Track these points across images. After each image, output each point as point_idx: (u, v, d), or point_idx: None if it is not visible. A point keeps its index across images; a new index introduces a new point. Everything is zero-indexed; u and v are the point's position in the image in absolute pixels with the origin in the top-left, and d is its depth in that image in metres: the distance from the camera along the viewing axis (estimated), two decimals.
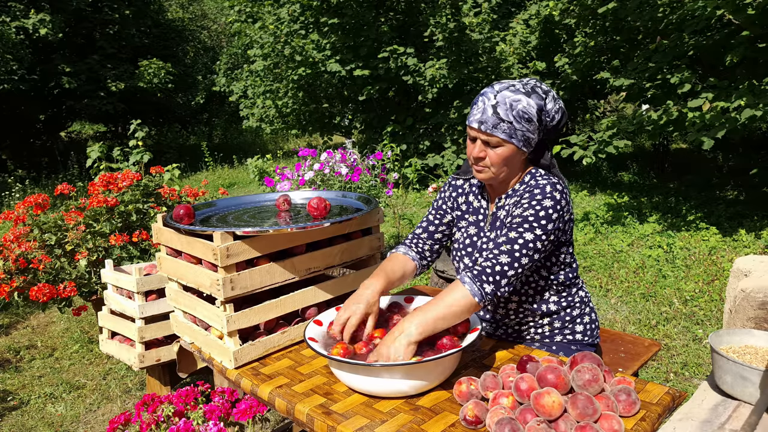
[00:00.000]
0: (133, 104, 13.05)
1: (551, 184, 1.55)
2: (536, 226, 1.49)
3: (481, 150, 1.58)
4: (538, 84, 1.58)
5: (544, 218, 1.50)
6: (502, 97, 1.53)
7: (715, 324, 3.57)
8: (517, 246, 1.48)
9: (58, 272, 3.04)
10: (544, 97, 1.56)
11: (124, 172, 3.43)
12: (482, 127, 1.54)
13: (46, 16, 10.43)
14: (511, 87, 1.55)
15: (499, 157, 1.56)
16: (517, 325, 1.74)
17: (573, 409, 1.18)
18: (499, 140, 1.54)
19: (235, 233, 1.57)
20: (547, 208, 1.51)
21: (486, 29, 7.93)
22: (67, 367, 3.61)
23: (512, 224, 1.52)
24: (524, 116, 1.52)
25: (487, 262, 1.47)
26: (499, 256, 1.47)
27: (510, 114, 1.51)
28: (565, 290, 1.72)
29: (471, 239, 1.73)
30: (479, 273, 1.45)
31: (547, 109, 1.56)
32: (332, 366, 1.44)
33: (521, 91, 1.54)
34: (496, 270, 1.45)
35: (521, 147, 1.56)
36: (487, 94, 1.55)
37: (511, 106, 1.52)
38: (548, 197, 1.52)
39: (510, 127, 1.52)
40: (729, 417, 1.25)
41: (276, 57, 8.71)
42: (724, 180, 7.36)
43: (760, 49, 4.94)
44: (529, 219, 1.50)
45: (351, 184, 4.53)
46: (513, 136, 1.53)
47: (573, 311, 1.73)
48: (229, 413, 1.56)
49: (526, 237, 1.49)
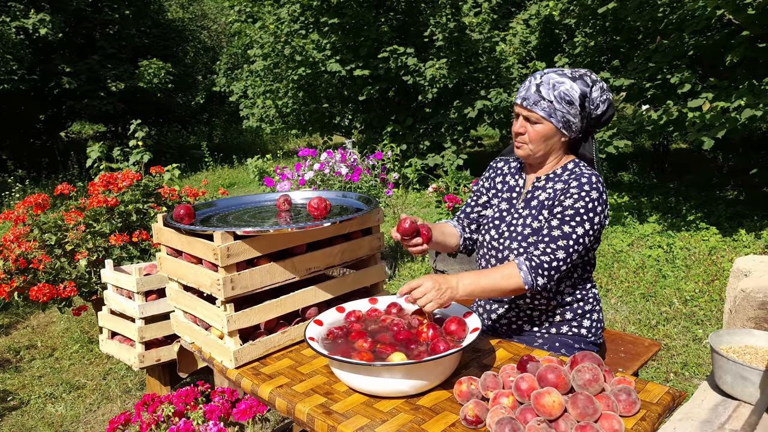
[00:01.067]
0: (133, 104, 13.04)
1: (596, 176, 1.61)
2: (586, 219, 1.55)
3: (522, 125, 1.64)
4: (588, 73, 1.63)
5: (592, 211, 1.56)
6: (547, 78, 1.59)
7: (715, 324, 3.57)
8: (572, 241, 1.54)
9: (58, 272, 3.04)
10: (591, 85, 1.61)
11: (124, 172, 3.43)
12: (524, 103, 1.60)
13: (46, 16, 10.42)
14: (559, 71, 1.61)
15: (537, 134, 1.61)
16: (529, 310, 1.76)
17: (573, 408, 1.18)
18: (538, 117, 1.60)
19: (235, 233, 1.57)
20: (594, 200, 1.57)
21: (486, 29, 7.93)
22: (67, 367, 3.61)
23: (565, 216, 1.57)
24: (565, 98, 1.57)
25: (545, 257, 1.53)
26: (557, 251, 1.53)
27: (551, 93, 1.57)
28: (581, 283, 1.75)
29: (501, 214, 1.78)
30: (537, 266, 1.52)
31: (591, 97, 1.60)
32: (332, 366, 1.44)
33: (568, 75, 1.60)
34: (553, 265, 1.53)
35: (560, 128, 1.60)
36: (535, 75, 1.63)
37: (554, 86, 1.58)
38: (595, 188, 1.58)
39: (550, 106, 1.58)
40: (729, 417, 1.25)
41: (276, 57, 8.71)
42: (724, 180, 7.36)
43: (760, 49, 4.94)
44: (580, 211, 1.55)
45: (351, 184, 4.53)
46: (552, 115, 1.58)
47: (585, 305, 1.76)
48: (229, 413, 1.56)
49: (578, 231, 1.55)
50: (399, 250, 5.39)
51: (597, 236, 1.65)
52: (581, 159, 1.73)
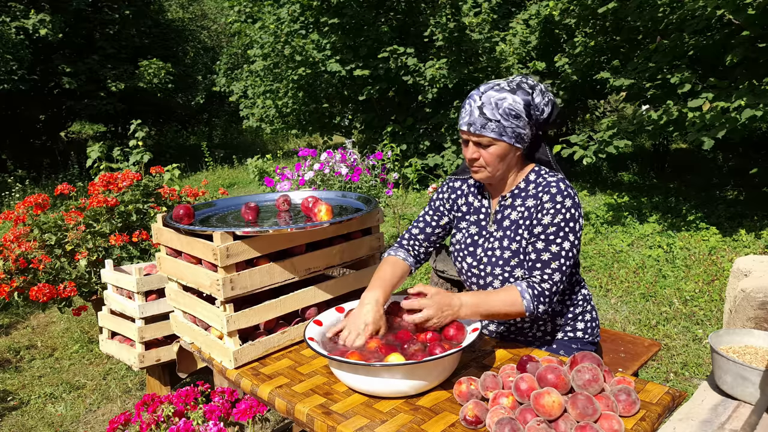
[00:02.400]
0: (133, 104, 13.04)
1: (563, 181, 1.58)
2: (569, 232, 1.55)
3: (474, 151, 1.59)
4: (524, 80, 1.59)
5: (571, 220, 1.55)
6: (487, 98, 1.54)
7: (715, 324, 3.56)
8: (562, 259, 1.54)
9: (58, 272, 3.04)
10: (531, 91, 1.57)
11: (124, 172, 3.43)
12: (471, 129, 1.56)
13: (46, 16, 10.42)
14: (495, 86, 1.56)
15: (492, 156, 1.58)
16: (518, 323, 1.75)
17: (573, 409, 1.18)
18: (489, 140, 1.56)
19: (235, 233, 1.57)
20: (570, 209, 1.55)
21: (486, 29, 7.93)
22: (67, 367, 3.61)
23: (549, 235, 1.55)
24: (511, 113, 1.53)
25: (545, 284, 1.53)
26: (553, 275, 1.53)
27: (496, 112, 1.53)
28: (569, 288, 1.73)
29: (473, 238, 1.73)
30: (540, 293, 1.52)
31: (535, 103, 1.57)
32: (332, 366, 1.44)
33: (506, 89, 1.55)
34: (553, 290, 1.53)
35: (514, 143, 1.57)
36: (473, 97, 1.57)
37: (497, 104, 1.53)
38: (567, 196, 1.56)
39: (498, 126, 1.54)
40: (729, 417, 1.25)
41: (276, 57, 8.71)
42: (724, 180, 7.36)
43: (760, 49, 4.94)
44: (561, 225, 1.54)
45: (351, 184, 4.53)
46: (503, 133, 1.55)
47: (576, 309, 1.74)
48: (229, 413, 1.56)
49: (565, 247, 1.54)
50: None
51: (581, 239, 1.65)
52: (539, 163, 1.69)
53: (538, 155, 1.70)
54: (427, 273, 4.81)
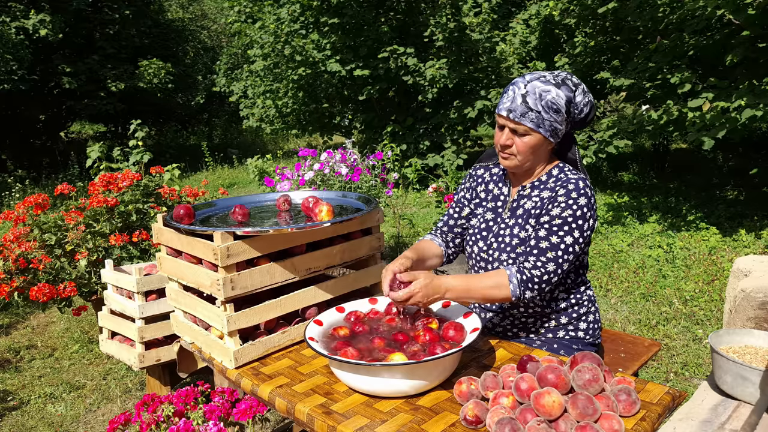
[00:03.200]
0: (133, 104, 13.04)
1: (582, 180, 1.58)
2: (575, 228, 1.54)
3: (509, 138, 1.60)
4: (569, 76, 1.60)
5: (581, 218, 1.54)
6: (532, 87, 1.55)
7: (715, 324, 3.56)
8: (560, 251, 1.52)
9: (58, 272, 3.04)
10: (574, 89, 1.58)
11: (124, 172, 3.43)
12: (511, 115, 1.56)
13: (46, 16, 10.42)
14: (541, 78, 1.57)
15: (525, 146, 1.59)
16: (524, 317, 1.75)
17: (573, 408, 1.18)
18: (526, 129, 1.56)
19: (235, 233, 1.57)
20: (582, 207, 1.54)
21: (486, 29, 7.93)
22: (67, 367, 3.61)
23: (552, 226, 1.55)
24: (553, 107, 1.54)
25: (536, 270, 1.52)
26: (547, 264, 1.52)
27: (539, 104, 1.54)
28: (575, 287, 1.74)
29: (487, 224, 1.75)
30: (528, 279, 1.51)
31: (576, 102, 1.58)
32: (332, 366, 1.44)
33: (551, 82, 1.56)
34: (543, 279, 1.52)
35: (548, 137, 1.58)
36: (517, 83, 1.58)
37: (541, 96, 1.54)
38: (582, 195, 1.56)
39: (538, 117, 1.54)
40: (729, 417, 1.25)
41: (276, 57, 8.71)
42: (724, 180, 7.36)
43: (760, 49, 4.94)
44: (568, 220, 1.54)
45: (351, 184, 4.53)
46: (541, 125, 1.55)
47: (580, 309, 1.75)
48: (229, 413, 1.56)
49: (567, 241, 1.53)
50: (399, 250, 5.40)
51: (588, 241, 1.62)
52: (564, 161, 1.71)
53: (567, 154, 1.71)
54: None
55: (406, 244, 5.61)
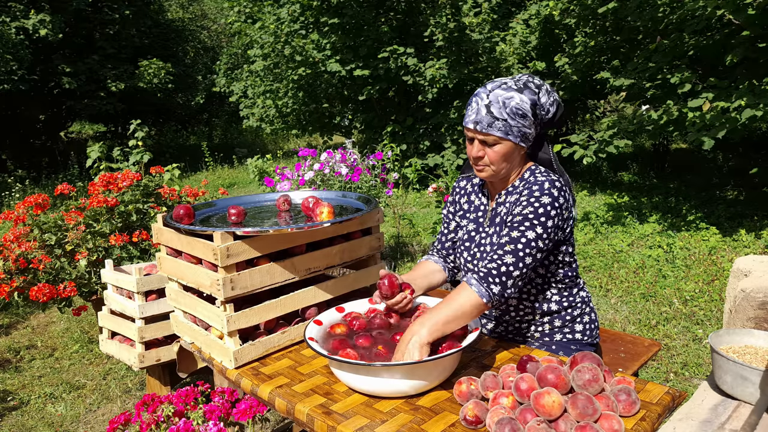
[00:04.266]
0: (133, 104, 13.05)
1: (550, 181, 1.56)
2: (537, 224, 1.50)
3: (480, 149, 1.60)
4: (530, 79, 1.59)
5: (543, 215, 1.51)
6: (494, 96, 1.54)
7: (715, 324, 3.56)
8: (521, 245, 1.48)
9: (58, 272, 3.04)
10: (537, 91, 1.57)
11: (124, 172, 3.43)
12: (478, 127, 1.56)
13: (46, 16, 10.42)
14: (503, 85, 1.56)
15: (497, 155, 1.58)
16: (517, 323, 1.75)
17: (573, 408, 1.18)
18: (495, 138, 1.56)
19: (235, 233, 1.57)
20: (545, 205, 1.52)
21: (486, 29, 7.93)
22: (67, 367, 3.61)
23: (513, 223, 1.53)
24: (518, 112, 1.54)
25: (492, 264, 1.48)
26: (504, 256, 1.48)
27: (503, 111, 1.53)
28: (566, 290, 1.72)
29: (469, 234, 1.76)
30: (486, 275, 1.47)
31: (541, 103, 1.57)
32: (332, 366, 1.44)
33: (513, 88, 1.55)
34: (502, 271, 1.47)
35: (519, 143, 1.57)
36: (480, 95, 1.57)
37: (504, 103, 1.53)
38: (546, 194, 1.53)
39: (505, 125, 1.54)
40: (729, 417, 1.25)
41: (276, 57, 8.71)
42: (724, 180, 7.36)
43: (760, 49, 4.94)
44: (528, 217, 1.51)
45: (351, 184, 4.53)
46: (509, 132, 1.55)
47: (574, 311, 1.74)
48: (229, 413, 1.56)
49: (528, 235, 1.49)
50: (399, 250, 5.39)
51: (555, 239, 1.57)
52: (540, 163, 1.70)
53: (540, 154, 1.71)
54: None
55: (406, 244, 5.61)
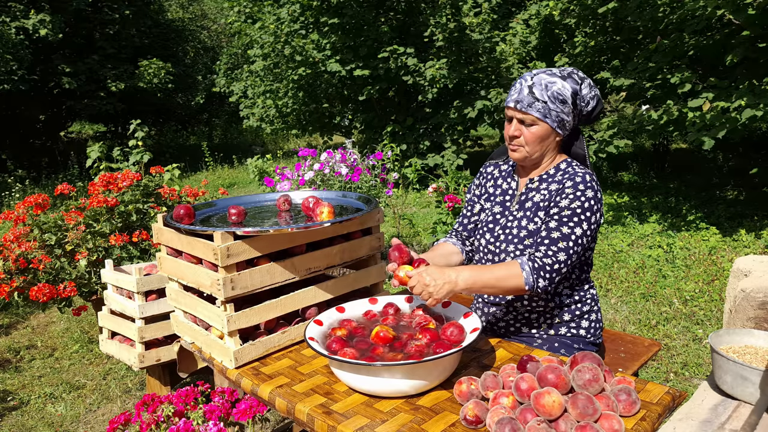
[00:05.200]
0: (133, 104, 13.04)
1: (590, 174, 1.62)
2: (584, 219, 1.56)
3: (517, 129, 1.64)
4: (575, 71, 1.65)
5: (588, 210, 1.57)
6: (538, 79, 1.60)
7: (715, 324, 3.56)
8: (571, 243, 1.55)
9: (58, 272, 3.04)
10: (580, 82, 1.63)
11: (124, 172, 3.43)
12: (518, 106, 1.61)
13: (46, 16, 10.42)
14: (548, 71, 1.63)
15: (533, 136, 1.62)
16: (527, 312, 1.76)
17: (573, 408, 1.18)
18: (533, 119, 1.60)
19: (235, 233, 1.57)
20: (590, 199, 1.58)
21: (486, 29, 7.93)
22: (67, 367, 3.61)
23: (562, 217, 1.57)
24: (559, 97, 1.59)
25: (547, 259, 1.53)
26: (558, 253, 1.54)
27: (545, 94, 1.58)
28: (579, 284, 1.75)
29: (494, 217, 1.78)
30: (540, 267, 1.52)
31: (582, 94, 1.63)
32: (332, 366, 1.44)
33: (557, 74, 1.61)
34: (555, 268, 1.53)
35: (555, 128, 1.62)
36: (525, 77, 1.63)
37: (546, 86, 1.59)
38: (590, 187, 1.59)
39: (544, 107, 1.59)
40: (729, 417, 1.25)
41: (276, 57, 8.71)
42: (724, 180, 7.36)
43: (760, 49, 4.94)
44: (577, 212, 1.56)
45: (351, 184, 4.53)
46: (547, 115, 1.59)
47: (584, 306, 1.76)
48: (229, 413, 1.56)
49: (577, 232, 1.55)
50: None
51: (594, 235, 1.65)
52: (573, 156, 1.74)
53: (574, 148, 1.74)
54: None
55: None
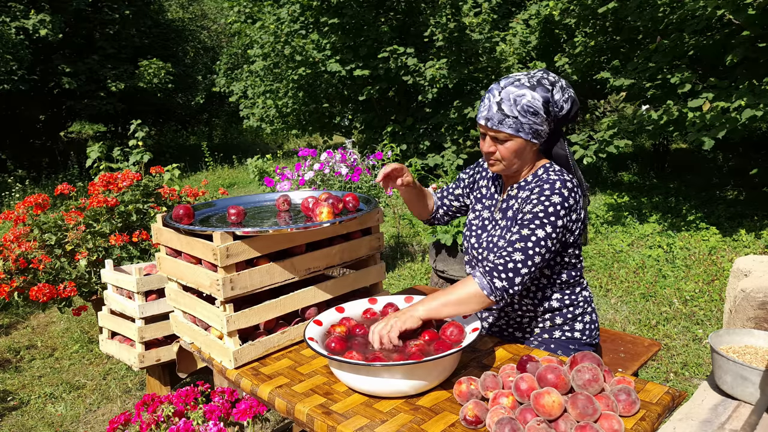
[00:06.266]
0: (133, 104, 13.05)
1: (562, 181, 1.57)
2: (546, 223, 1.51)
3: (491, 145, 1.62)
4: (545, 75, 1.58)
5: (552, 215, 1.51)
6: (506, 93, 1.55)
7: (715, 324, 3.56)
8: (531, 243, 1.49)
9: (58, 272, 3.04)
10: (551, 88, 1.56)
11: (124, 172, 3.43)
12: (489, 124, 1.57)
13: (46, 16, 10.42)
14: (515, 82, 1.56)
15: (508, 151, 1.59)
16: (518, 318, 1.76)
17: (573, 408, 1.18)
18: (506, 135, 1.57)
19: (235, 233, 1.57)
20: (555, 204, 1.52)
21: (486, 29, 7.92)
22: (67, 367, 3.61)
23: (524, 221, 1.54)
24: (529, 110, 1.54)
25: (500, 260, 1.48)
26: (513, 253, 1.48)
27: (514, 109, 1.54)
28: (569, 288, 1.73)
29: (482, 222, 1.78)
30: (491, 269, 1.47)
31: (554, 100, 1.56)
32: (332, 366, 1.44)
33: (526, 85, 1.55)
34: (509, 267, 1.47)
35: (530, 139, 1.58)
36: (492, 91, 1.58)
37: (515, 101, 1.53)
38: (557, 193, 1.54)
39: (516, 122, 1.54)
40: (729, 417, 1.25)
41: (276, 57, 8.71)
42: (724, 180, 7.36)
43: (760, 49, 4.94)
44: (539, 215, 1.52)
45: (351, 184, 4.53)
46: (520, 129, 1.55)
47: (576, 309, 1.74)
48: (229, 413, 1.56)
49: (538, 234, 1.50)
50: (399, 250, 5.39)
51: (563, 240, 1.59)
52: (555, 157, 1.70)
53: (555, 149, 1.70)
54: (427, 273, 4.81)
55: (406, 244, 5.61)
